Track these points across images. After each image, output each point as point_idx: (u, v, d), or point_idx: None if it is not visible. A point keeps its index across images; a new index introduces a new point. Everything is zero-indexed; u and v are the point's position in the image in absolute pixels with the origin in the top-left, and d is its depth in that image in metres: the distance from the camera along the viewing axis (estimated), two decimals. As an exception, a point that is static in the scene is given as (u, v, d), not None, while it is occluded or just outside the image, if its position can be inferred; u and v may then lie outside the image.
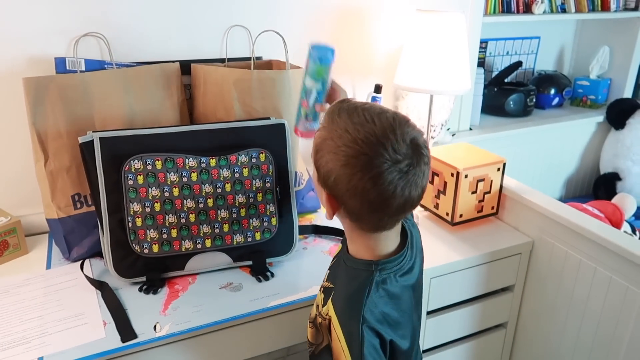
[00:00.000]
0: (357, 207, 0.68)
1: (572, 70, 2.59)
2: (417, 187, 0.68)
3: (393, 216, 0.70)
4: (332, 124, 0.69)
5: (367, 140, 0.65)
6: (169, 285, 1.07)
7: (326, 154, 0.68)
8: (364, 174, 0.65)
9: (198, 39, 1.33)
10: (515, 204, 1.35)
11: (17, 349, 0.88)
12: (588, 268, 1.18)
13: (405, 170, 0.65)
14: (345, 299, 0.73)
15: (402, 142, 0.65)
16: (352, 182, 0.65)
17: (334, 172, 0.67)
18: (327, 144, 0.68)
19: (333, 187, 0.68)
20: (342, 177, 0.66)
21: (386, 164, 0.64)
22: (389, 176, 0.64)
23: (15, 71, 1.15)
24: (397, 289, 0.75)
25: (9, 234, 1.15)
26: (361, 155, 0.65)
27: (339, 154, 0.66)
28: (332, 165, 0.67)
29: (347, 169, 0.65)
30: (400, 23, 1.58)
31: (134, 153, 1.03)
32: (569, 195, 2.47)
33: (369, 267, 0.74)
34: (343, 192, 0.67)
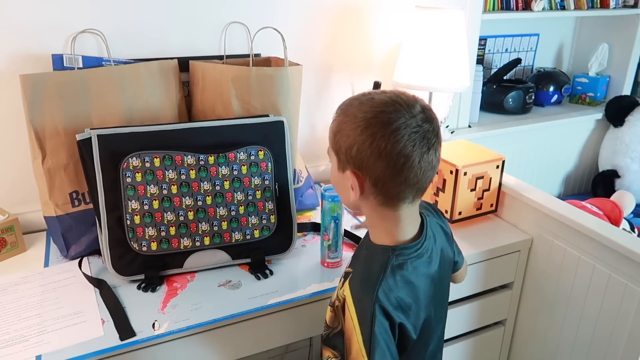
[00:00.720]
0: (382, 170, 0.71)
1: (571, 68, 2.59)
2: (433, 148, 0.72)
3: (414, 182, 0.73)
4: (345, 111, 0.74)
5: (381, 103, 0.71)
6: (168, 283, 1.07)
7: (345, 131, 0.72)
8: (384, 130, 0.69)
9: (196, 36, 1.32)
10: (514, 201, 1.35)
11: (16, 347, 0.87)
12: (587, 265, 1.18)
13: (420, 124, 0.70)
14: (361, 280, 0.76)
15: (413, 103, 0.71)
16: (375, 142, 0.69)
17: (355, 142, 0.71)
18: (344, 124, 0.73)
19: (356, 157, 0.71)
20: (364, 143, 0.70)
21: (402, 119, 0.69)
22: (407, 130, 0.69)
23: (13, 68, 1.15)
24: (413, 275, 0.77)
25: (6, 232, 1.15)
26: (379, 114, 0.69)
27: (358, 122, 0.71)
28: (352, 135, 0.71)
29: (368, 130, 0.70)
30: (399, 20, 1.58)
31: (132, 150, 1.02)
32: (568, 193, 2.48)
33: (386, 251, 0.77)
34: (367, 158, 0.70)
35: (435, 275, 0.82)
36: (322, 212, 1.09)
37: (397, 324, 0.74)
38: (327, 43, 1.50)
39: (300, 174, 1.36)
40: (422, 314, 0.79)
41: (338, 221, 1.09)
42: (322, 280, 1.08)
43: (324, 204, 1.08)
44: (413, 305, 0.77)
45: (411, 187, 0.73)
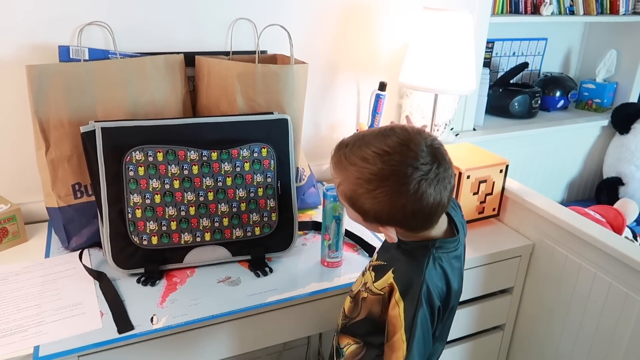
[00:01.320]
0: (416, 221, 0.76)
1: (579, 73, 2.57)
2: (450, 184, 0.75)
3: (438, 215, 0.78)
4: (346, 173, 0.75)
5: (387, 171, 0.71)
6: (167, 277, 1.07)
7: (364, 200, 0.74)
8: (407, 195, 0.71)
9: (203, 31, 1.32)
10: (517, 206, 1.34)
11: (14, 337, 0.88)
12: (588, 273, 1.17)
13: (433, 177, 0.72)
14: (407, 269, 0.79)
15: (420, 152, 0.72)
16: (405, 209, 0.72)
17: (383, 210, 0.74)
18: (360, 195, 0.74)
19: (388, 220, 0.76)
20: (389, 210, 0.73)
21: (417, 172, 0.71)
22: (424, 183, 0.71)
23: (19, 59, 1.15)
24: (449, 268, 0.80)
25: (8, 222, 1.15)
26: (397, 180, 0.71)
27: (375, 195, 0.72)
28: (379, 206, 0.73)
29: (393, 198, 0.72)
30: (406, 20, 1.57)
31: (135, 144, 1.02)
32: (571, 199, 2.47)
33: (426, 245, 0.80)
34: (400, 219, 0.75)
35: (462, 267, 0.86)
36: (323, 212, 1.09)
37: (437, 307, 0.78)
38: (334, 42, 1.50)
39: (303, 172, 1.36)
40: (451, 302, 0.83)
41: (339, 221, 1.09)
42: (322, 280, 1.08)
43: (326, 204, 1.08)
44: (444, 295, 0.80)
45: (436, 218, 0.78)
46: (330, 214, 1.08)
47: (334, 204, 1.07)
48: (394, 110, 1.66)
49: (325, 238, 1.11)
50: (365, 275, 0.88)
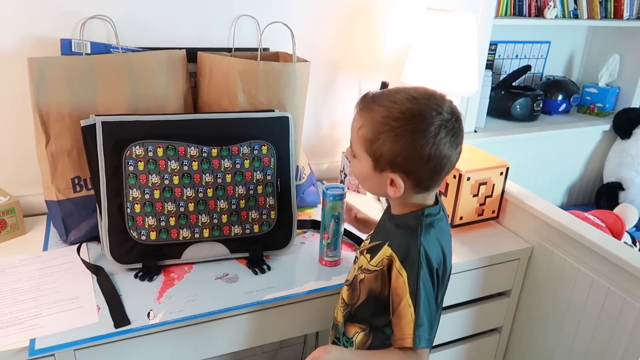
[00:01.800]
0: (426, 172, 0.78)
1: (581, 77, 2.57)
2: (458, 148, 0.80)
3: (445, 175, 0.81)
4: (372, 114, 0.79)
5: (414, 110, 0.75)
6: (165, 273, 1.07)
7: (385, 141, 0.77)
8: (427, 138, 0.75)
9: (205, 27, 1.32)
10: (516, 209, 1.34)
11: (10, 329, 0.87)
12: (586, 277, 1.17)
13: (451, 127, 0.76)
14: (402, 238, 0.83)
15: (443, 103, 0.77)
16: (421, 152, 0.75)
17: (400, 152, 0.76)
18: (380, 133, 0.77)
19: (402, 165, 0.78)
20: (408, 151, 0.76)
21: (437, 118, 0.75)
22: (444, 131, 0.75)
23: (22, 51, 1.15)
24: (440, 233, 0.84)
25: (7, 214, 1.15)
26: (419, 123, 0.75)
27: (398, 133, 0.76)
28: (398, 146, 0.76)
29: (412, 139, 0.75)
30: (409, 21, 1.57)
31: (135, 139, 1.02)
32: (571, 203, 2.47)
33: (416, 215, 0.84)
34: (413, 164, 0.77)
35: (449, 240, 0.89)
36: (322, 211, 1.09)
37: (435, 269, 0.80)
38: (336, 41, 1.49)
39: (302, 170, 1.35)
40: (448, 269, 0.87)
41: (339, 220, 1.08)
42: (319, 279, 1.08)
43: (325, 203, 1.08)
44: (442, 260, 0.84)
45: (442, 177, 0.82)
46: (329, 213, 1.08)
47: (333, 203, 1.07)
48: (395, 110, 1.65)
49: (324, 237, 1.11)
50: (359, 260, 0.91)
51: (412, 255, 0.80)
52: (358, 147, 0.82)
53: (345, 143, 1.61)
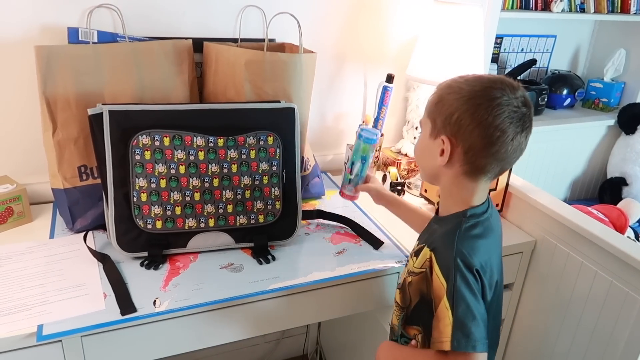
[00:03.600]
0: (477, 140, 0.76)
1: (586, 72, 2.56)
2: (526, 132, 0.78)
3: (501, 159, 0.78)
4: (450, 85, 0.80)
5: (489, 80, 0.77)
6: (170, 262, 1.08)
7: (448, 100, 0.78)
8: (488, 103, 0.74)
9: (212, 17, 1.32)
10: (520, 202, 1.34)
11: (18, 315, 0.88)
12: (589, 271, 1.17)
13: (519, 107, 0.76)
14: (441, 241, 0.82)
15: (516, 86, 0.77)
16: (477, 112, 0.75)
17: (457, 109, 0.76)
18: (447, 94, 0.79)
19: (455, 124, 0.77)
20: (467, 111, 0.76)
21: (505, 97, 0.75)
22: (508, 108, 0.75)
23: (29, 39, 1.15)
24: (484, 234, 0.82)
25: (14, 201, 1.16)
26: (486, 88, 0.75)
27: (463, 93, 0.76)
28: (456, 104, 0.77)
29: (472, 101, 0.75)
30: (416, 13, 1.56)
31: (142, 128, 1.03)
32: (574, 197, 2.47)
33: (458, 216, 0.83)
34: (465, 126, 0.76)
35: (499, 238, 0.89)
36: (354, 149, 1.14)
37: (475, 269, 0.77)
38: (343, 32, 1.49)
39: (307, 162, 1.36)
40: (495, 274, 0.84)
41: (365, 162, 1.14)
42: (324, 269, 1.09)
43: (357, 142, 1.14)
44: (487, 263, 0.81)
45: (498, 162, 0.79)
46: (358, 153, 1.14)
47: (364, 145, 1.13)
48: (400, 103, 1.66)
49: (348, 172, 1.16)
50: (409, 263, 0.90)
51: (447, 255, 0.78)
52: (425, 115, 0.84)
53: (349, 135, 1.61)
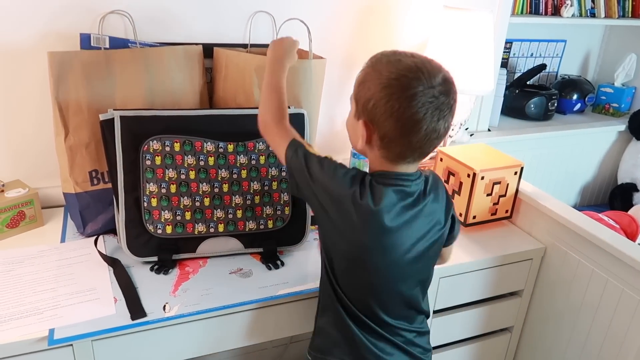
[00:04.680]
0: (391, 129, 0.76)
1: (597, 77, 2.55)
2: (444, 119, 0.78)
3: (417, 147, 0.78)
4: (374, 65, 0.79)
5: (406, 68, 0.75)
6: (180, 266, 1.08)
7: (369, 83, 0.78)
8: (401, 93, 0.74)
9: (222, 23, 1.32)
10: (530, 208, 1.33)
11: (30, 319, 0.89)
12: (600, 279, 1.16)
13: (437, 96, 0.75)
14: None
15: (436, 73, 0.76)
16: (390, 102, 0.74)
17: (374, 96, 0.76)
18: (370, 76, 0.78)
19: (371, 111, 0.77)
20: (381, 99, 0.75)
21: (421, 87, 0.74)
22: (422, 98, 0.74)
23: (42, 45, 1.16)
24: (381, 194, 0.79)
25: (26, 205, 1.17)
26: (401, 77, 0.74)
27: (381, 79, 0.76)
28: (373, 89, 0.76)
29: (387, 90, 0.75)
30: (426, 18, 1.56)
31: (153, 133, 1.03)
32: (584, 204, 2.45)
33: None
34: (380, 114, 0.76)
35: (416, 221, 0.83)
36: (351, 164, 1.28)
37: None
38: (352, 37, 1.49)
39: (316, 167, 1.36)
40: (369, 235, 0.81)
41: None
42: (333, 275, 1.08)
43: (352, 160, 1.31)
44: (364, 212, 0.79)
45: (413, 151, 0.79)
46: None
47: (358, 161, 1.29)
48: (409, 108, 1.65)
49: None
50: None
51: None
52: (352, 93, 0.83)
53: (358, 140, 1.61)
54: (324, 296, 0.92)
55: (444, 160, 1.35)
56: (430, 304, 1.18)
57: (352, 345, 0.88)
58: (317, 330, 0.94)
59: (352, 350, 0.88)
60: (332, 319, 0.90)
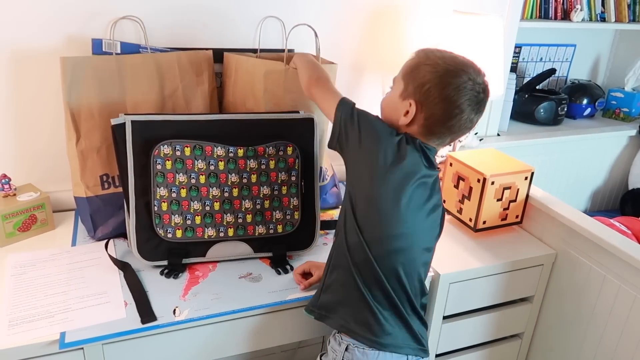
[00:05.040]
0: (438, 112, 0.87)
1: (607, 81, 2.53)
2: (479, 114, 0.89)
3: (453, 131, 0.90)
4: (428, 55, 0.89)
5: (461, 62, 0.87)
6: (190, 271, 1.08)
7: (423, 70, 0.87)
8: (455, 83, 0.85)
9: (232, 28, 1.33)
10: (541, 214, 1.32)
11: (42, 322, 0.90)
12: (612, 285, 1.15)
13: (479, 92, 0.87)
14: None
15: (481, 73, 0.88)
16: (444, 89, 0.85)
17: (430, 82, 0.86)
18: (424, 64, 0.88)
19: (425, 94, 0.87)
20: (436, 85, 0.86)
21: (470, 81, 0.86)
22: (470, 92, 0.86)
23: (54, 50, 1.18)
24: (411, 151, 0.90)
25: (37, 209, 1.18)
26: (457, 69, 0.86)
27: (437, 69, 0.86)
28: (429, 76, 0.86)
29: (443, 78, 0.85)
30: (435, 23, 1.56)
31: (164, 138, 1.04)
32: (594, 209, 2.43)
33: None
34: (433, 97, 0.86)
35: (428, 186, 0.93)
36: None
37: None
38: (361, 42, 1.50)
39: (325, 172, 1.36)
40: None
41: None
42: (342, 280, 1.08)
43: None
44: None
45: (449, 133, 0.90)
46: None
47: None
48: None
49: None
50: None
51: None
52: (399, 75, 0.92)
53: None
54: (338, 256, 0.95)
55: (454, 165, 1.34)
56: (440, 309, 1.18)
57: (357, 307, 0.91)
58: (324, 288, 0.97)
59: (354, 312, 0.91)
60: (342, 278, 0.93)
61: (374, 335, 0.90)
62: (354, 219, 0.90)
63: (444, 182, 1.38)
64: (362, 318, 0.91)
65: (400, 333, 0.92)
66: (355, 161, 0.92)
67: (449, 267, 1.16)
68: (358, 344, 0.91)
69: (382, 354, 0.90)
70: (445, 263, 1.16)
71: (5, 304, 0.94)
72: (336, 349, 0.94)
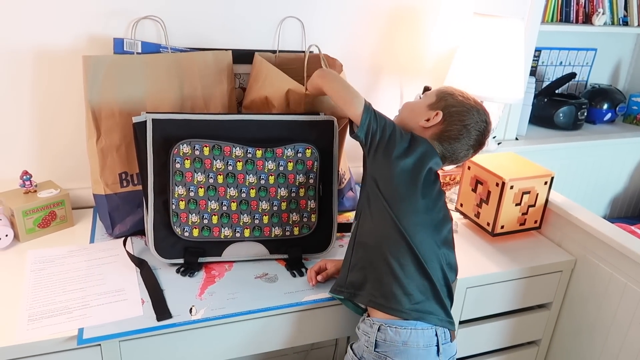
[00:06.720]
0: (453, 131, 1.01)
1: (628, 86, 2.49)
2: (479, 145, 1.05)
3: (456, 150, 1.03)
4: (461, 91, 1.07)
5: (480, 107, 1.05)
6: (206, 270, 1.09)
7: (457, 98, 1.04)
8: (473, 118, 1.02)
9: (251, 28, 1.33)
10: (560, 219, 1.30)
11: (60, 317, 0.91)
12: (633, 293, 1.13)
13: (484, 127, 1.04)
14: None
15: (487, 114, 1.05)
16: (464, 117, 1.02)
17: (457, 107, 1.03)
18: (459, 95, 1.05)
19: (450, 112, 1.02)
20: (460, 112, 1.02)
21: (481, 118, 1.03)
22: (479, 125, 1.03)
23: (76, 49, 1.19)
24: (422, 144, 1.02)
25: (57, 206, 1.19)
26: (478, 110, 1.04)
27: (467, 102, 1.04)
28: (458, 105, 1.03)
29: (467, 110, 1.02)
30: (455, 25, 1.55)
31: (183, 137, 1.04)
32: (614, 215, 2.39)
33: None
34: (454, 120, 1.02)
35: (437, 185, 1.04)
36: None
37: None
38: (379, 44, 1.49)
39: (343, 175, 1.35)
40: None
41: None
42: (358, 282, 1.08)
43: None
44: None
45: (448, 155, 1.03)
46: None
47: None
48: (436, 115, 1.64)
49: None
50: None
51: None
52: (433, 91, 1.07)
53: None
54: (362, 234, 1.00)
55: (472, 168, 1.33)
56: (457, 314, 1.17)
57: (385, 281, 0.94)
58: (350, 267, 1.00)
59: (382, 285, 0.94)
60: (369, 255, 0.97)
61: (402, 305, 0.92)
62: (381, 196, 0.96)
63: (462, 185, 1.37)
64: (389, 290, 0.93)
65: (429, 303, 0.94)
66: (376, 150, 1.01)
67: (466, 271, 1.14)
68: (390, 323, 0.92)
69: (414, 333, 0.91)
70: (462, 267, 1.14)
71: (25, 299, 0.95)
72: (368, 331, 0.95)
